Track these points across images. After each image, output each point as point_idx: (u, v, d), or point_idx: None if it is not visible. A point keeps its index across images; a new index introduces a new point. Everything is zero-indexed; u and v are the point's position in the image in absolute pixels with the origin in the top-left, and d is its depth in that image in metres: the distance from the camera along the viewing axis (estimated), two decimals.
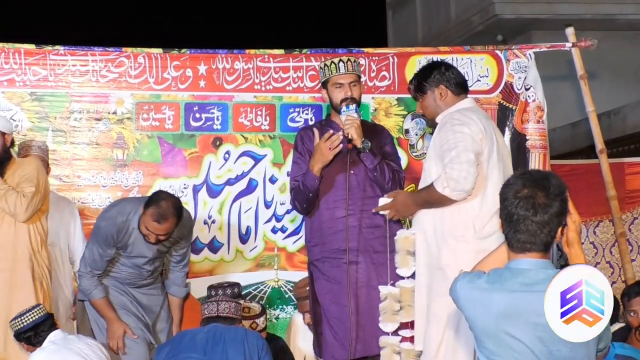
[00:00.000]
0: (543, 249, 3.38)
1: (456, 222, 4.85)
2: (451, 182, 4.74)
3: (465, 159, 4.76)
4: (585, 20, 11.58)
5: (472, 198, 4.82)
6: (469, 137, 4.82)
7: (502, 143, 5.11)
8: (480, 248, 4.66)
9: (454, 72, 5.14)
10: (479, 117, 4.94)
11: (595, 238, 7.60)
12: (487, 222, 4.81)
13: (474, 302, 3.34)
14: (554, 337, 3.27)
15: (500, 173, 4.89)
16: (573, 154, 9.84)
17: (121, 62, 6.57)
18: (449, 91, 5.07)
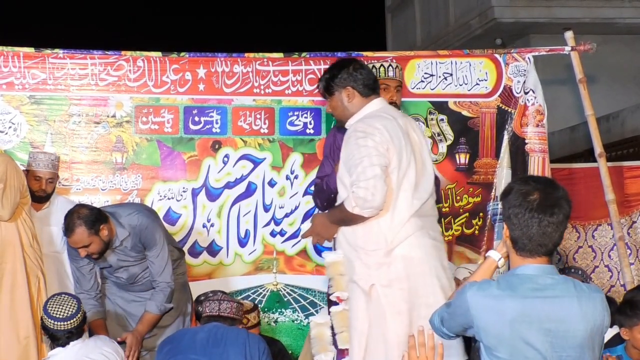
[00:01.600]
0: (550, 253, 3.41)
1: (368, 237, 4.74)
2: (359, 200, 4.63)
3: (371, 174, 4.63)
4: (584, 24, 11.60)
5: (384, 212, 4.72)
6: (374, 149, 4.68)
7: (417, 140, 4.93)
8: (391, 259, 4.70)
9: (363, 72, 4.96)
10: (384, 124, 4.78)
11: (593, 242, 7.59)
12: (400, 230, 4.74)
13: (487, 310, 3.33)
14: (565, 343, 3.29)
15: (414, 176, 4.79)
16: (572, 157, 9.85)
17: (120, 66, 6.57)
18: (356, 92, 4.92)
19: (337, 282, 4.90)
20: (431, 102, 6.80)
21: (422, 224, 4.80)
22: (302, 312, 6.60)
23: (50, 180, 6.25)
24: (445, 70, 6.83)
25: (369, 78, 4.95)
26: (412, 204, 4.76)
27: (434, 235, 4.88)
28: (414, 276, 4.74)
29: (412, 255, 4.74)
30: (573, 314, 3.36)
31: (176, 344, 5.22)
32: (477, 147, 6.80)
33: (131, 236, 5.55)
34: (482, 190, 6.74)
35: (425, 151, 4.96)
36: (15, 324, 5.66)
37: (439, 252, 4.89)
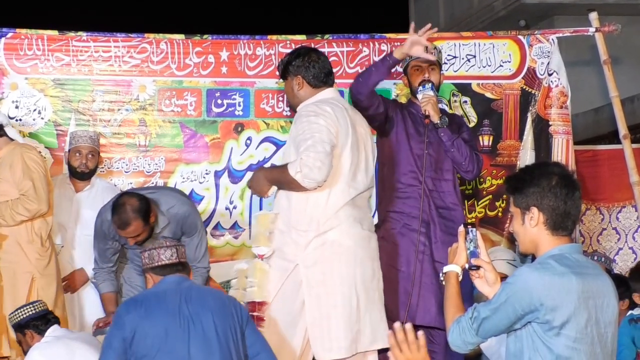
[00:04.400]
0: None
1: (301, 217, 4.83)
2: (305, 168, 4.71)
3: (321, 149, 4.73)
4: (608, 5, 11.51)
5: (320, 191, 4.80)
6: (325, 128, 4.79)
7: (363, 134, 5.04)
8: (321, 242, 4.78)
9: (317, 64, 5.03)
10: (334, 110, 4.89)
11: (617, 224, 7.57)
12: (332, 215, 4.82)
13: (555, 288, 3.35)
14: (606, 319, 3.40)
15: (352, 166, 4.88)
16: (596, 139, 9.79)
17: (144, 48, 6.58)
18: (305, 83, 5.02)
19: (260, 237, 5.01)
20: (454, 84, 6.78)
21: (356, 215, 4.90)
22: None
23: (91, 154, 6.25)
24: (469, 52, 6.81)
25: (322, 70, 5.04)
26: (348, 192, 4.86)
27: (367, 227, 4.97)
28: (338, 263, 4.82)
29: (342, 242, 4.84)
30: (610, 290, 3.47)
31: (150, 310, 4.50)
32: (501, 129, 6.79)
33: (171, 224, 5.58)
34: (505, 172, 6.71)
35: (370, 147, 5.07)
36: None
37: (370, 243, 4.96)
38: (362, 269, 4.90)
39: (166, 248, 4.58)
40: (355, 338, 4.88)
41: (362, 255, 4.91)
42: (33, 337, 5.19)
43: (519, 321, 3.39)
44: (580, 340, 3.34)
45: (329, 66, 5.12)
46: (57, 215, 6.16)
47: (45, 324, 5.19)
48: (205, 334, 4.43)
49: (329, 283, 4.83)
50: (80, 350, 5.02)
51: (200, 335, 4.42)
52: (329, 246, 4.83)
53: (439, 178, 5.44)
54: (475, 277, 3.67)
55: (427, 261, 5.33)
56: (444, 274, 3.70)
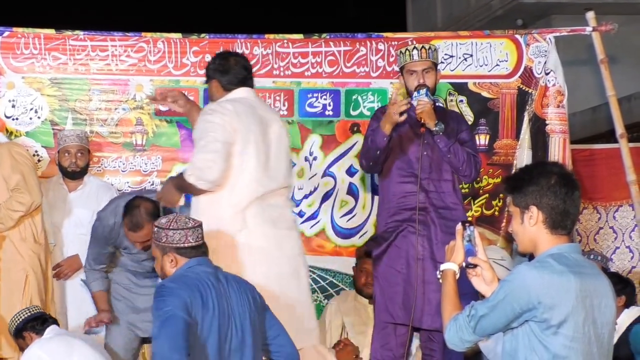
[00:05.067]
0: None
1: (209, 216, 4.78)
2: (196, 171, 4.72)
3: (212, 148, 4.73)
4: (606, 5, 11.49)
5: (221, 190, 4.79)
6: (220, 126, 4.78)
7: (276, 131, 5.02)
8: (231, 244, 4.76)
9: (233, 70, 5.05)
10: (236, 107, 4.88)
11: (615, 223, 7.57)
12: (238, 214, 4.81)
13: (554, 286, 3.34)
14: (603, 319, 3.40)
15: (259, 163, 4.86)
16: (593, 138, 9.78)
17: (141, 48, 6.59)
18: (220, 87, 5.05)
19: None
20: (451, 84, 6.79)
21: (268, 214, 4.88)
22: (321, 293, 6.61)
23: (80, 152, 6.27)
24: (466, 51, 6.82)
25: (236, 76, 5.05)
26: (255, 190, 4.84)
27: (281, 226, 4.93)
28: (251, 265, 4.81)
29: (252, 244, 4.82)
30: (608, 291, 3.47)
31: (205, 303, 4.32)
32: (497, 128, 6.79)
33: None
34: (502, 171, 6.73)
35: (283, 147, 5.04)
36: None
37: (288, 242, 4.95)
38: (279, 268, 4.89)
39: (193, 229, 4.41)
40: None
41: (278, 255, 4.89)
42: (32, 338, 5.19)
43: (516, 319, 3.39)
44: (577, 340, 3.34)
45: (245, 72, 5.11)
46: (52, 216, 6.18)
47: (42, 324, 5.19)
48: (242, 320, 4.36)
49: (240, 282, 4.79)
50: (79, 347, 5.02)
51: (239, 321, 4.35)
52: (240, 249, 4.82)
53: (438, 179, 5.43)
54: (472, 276, 3.67)
55: (429, 263, 5.33)
56: (441, 271, 3.70)
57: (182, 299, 4.18)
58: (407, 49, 5.45)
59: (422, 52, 5.44)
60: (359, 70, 6.72)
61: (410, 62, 5.43)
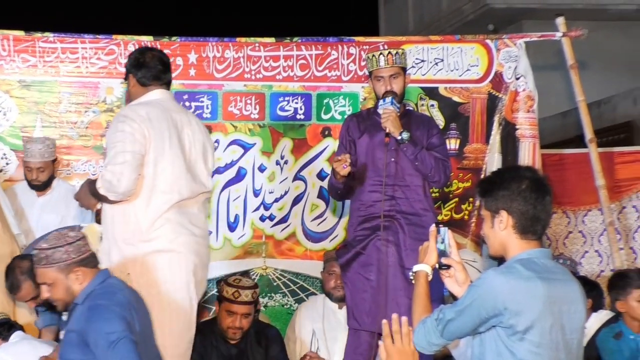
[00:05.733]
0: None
1: (125, 227, 4.78)
2: (105, 183, 4.68)
3: (121, 160, 4.68)
4: (576, 10, 11.58)
5: (135, 199, 4.75)
6: (129, 135, 4.72)
7: (194, 135, 4.96)
8: (148, 250, 4.73)
9: (147, 63, 4.98)
10: (149, 112, 4.82)
11: (584, 227, 7.61)
12: (156, 221, 4.77)
13: (520, 292, 3.34)
14: (572, 325, 3.40)
15: (175, 170, 4.82)
16: (563, 143, 9.84)
17: (111, 50, 6.56)
18: (136, 81, 4.98)
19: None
20: (422, 88, 6.80)
21: (185, 220, 4.84)
22: (291, 297, 6.61)
23: (41, 169, 6.26)
24: (437, 55, 6.83)
25: (150, 71, 4.97)
26: (171, 197, 4.80)
27: (197, 232, 4.90)
28: (170, 271, 4.79)
29: (171, 249, 4.78)
30: (578, 297, 3.47)
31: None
32: (468, 132, 6.82)
33: None
34: (472, 176, 6.75)
35: (200, 151, 4.98)
36: None
37: (200, 248, 4.92)
38: (195, 274, 4.87)
39: (83, 238, 4.32)
40: (189, 346, 4.90)
41: (195, 261, 4.87)
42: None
43: (483, 324, 3.39)
44: (544, 346, 3.35)
45: (161, 66, 5.01)
46: (22, 221, 6.14)
47: (7, 330, 5.17)
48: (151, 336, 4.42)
49: (162, 292, 4.78)
50: (44, 351, 5.00)
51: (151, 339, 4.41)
52: (159, 255, 4.77)
53: (407, 185, 5.42)
54: (445, 277, 3.67)
55: (397, 270, 5.33)
56: (414, 273, 3.70)
57: (125, 319, 4.15)
58: (374, 55, 5.41)
59: (388, 58, 5.40)
60: (331, 74, 6.73)
61: (377, 68, 5.40)
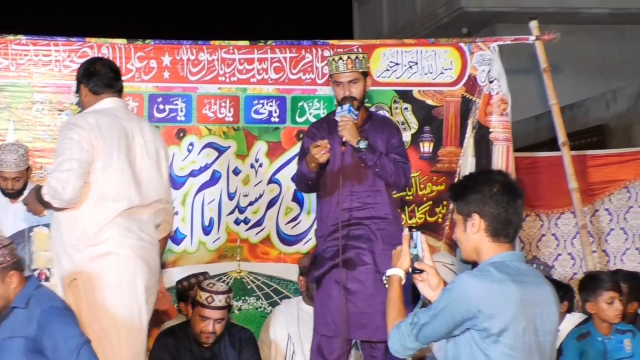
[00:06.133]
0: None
1: (72, 232, 4.82)
2: (50, 190, 4.72)
3: (67, 167, 4.73)
4: (549, 14, 11.64)
5: (83, 205, 4.79)
6: (77, 143, 4.77)
7: (147, 143, 4.99)
8: (95, 254, 4.76)
9: (100, 72, 5.03)
10: (98, 120, 4.87)
11: (557, 230, 7.64)
12: (104, 227, 4.80)
13: (493, 295, 3.36)
14: (545, 327, 3.41)
15: (125, 177, 4.85)
16: (536, 146, 9.88)
17: (84, 53, 6.52)
18: (87, 90, 5.03)
19: (38, 256, 5.13)
20: (396, 91, 6.82)
21: (134, 226, 4.87)
22: (265, 300, 6.60)
23: (16, 179, 6.24)
24: (411, 59, 6.85)
25: (101, 79, 5.01)
26: (121, 204, 4.83)
27: (146, 238, 4.92)
28: (117, 275, 4.81)
29: (118, 252, 4.81)
30: (551, 299, 3.49)
31: None
32: (441, 135, 6.83)
33: None
34: (445, 179, 6.77)
35: (153, 159, 5.01)
36: None
37: (149, 254, 4.93)
38: (143, 279, 4.88)
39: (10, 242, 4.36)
40: (138, 351, 4.89)
41: (143, 265, 4.88)
42: None
43: (457, 328, 3.41)
44: (517, 348, 3.36)
45: (112, 74, 5.06)
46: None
47: None
48: None
49: (108, 296, 4.80)
50: None
51: None
52: (105, 258, 4.80)
53: (378, 189, 5.43)
54: (418, 281, 3.68)
55: (373, 276, 5.32)
56: (387, 277, 3.71)
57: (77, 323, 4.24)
58: (333, 59, 5.37)
59: (348, 63, 5.33)
60: (305, 77, 6.73)
61: (336, 73, 5.36)
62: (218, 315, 5.64)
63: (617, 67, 12.55)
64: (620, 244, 7.70)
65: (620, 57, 12.66)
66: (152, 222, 5.03)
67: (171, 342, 5.73)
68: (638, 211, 7.71)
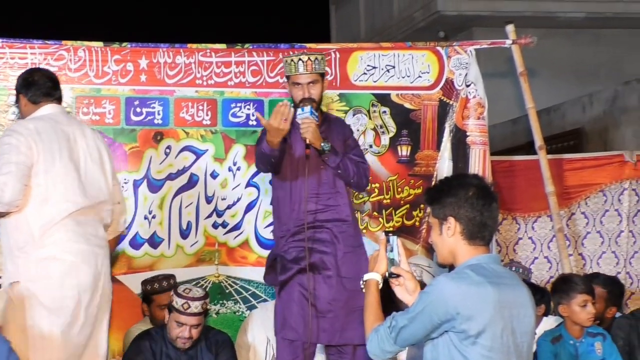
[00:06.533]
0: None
1: (17, 235, 4.89)
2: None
3: (5, 171, 4.82)
4: (526, 18, 11.70)
5: (27, 208, 4.86)
6: (15, 148, 4.87)
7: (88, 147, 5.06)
8: (41, 257, 4.83)
9: (39, 82, 5.15)
10: (37, 125, 4.97)
11: (533, 233, 7.67)
12: (49, 230, 4.86)
13: (471, 297, 3.39)
14: (522, 329, 3.44)
15: (68, 180, 4.91)
16: (513, 150, 9.93)
17: (61, 56, 6.50)
18: (27, 100, 5.14)
19: None
20: (374, 95, 6.82)
21: (80, 230, 4.93)
22: (243, 304, 6.59)
23: None
24: (388, 62, 6.86)
25: (40, 88, 5.14)
26: (65, 207, 4.90)
27: (94, 242, 4.99)
28: (59, 279, 4.87)
29: (61, 257, 4.86)
30: (527, 301, 3.53)
31: None
32: (419, 139, 6.85)
33: None
34: (423, 182, 6.78)
35: (97, 161, 5.10)
36: None
37: (97, 258, 4.99)
38: (85, 284, 4.92)
39: None
40: (74, 353, 4.94)
41: (86, 270, 4.93)
42: None
43: (435, 330, 3.42)
44: (495, 350, 3.39)
45: (50, 83, 5.19)
46: None
47: None
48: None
49: (49, 299, 4.85)
50: None
51: None
52: (49, 262, 4.86)
53: (338, 191, 5.42)
54: (395, 285, 3.70)
55: (335, 280, 5.33)
56: (365, 281, 3.72)
57: None
58: (292, 59, 5.36)
59: (307, 64, 5.34)
60: (282, 80, 6.71)
61: (295, 74, 5.36)
62: (194, 321, 5.63)
63: (594, 71, 12.63)
64: (596, 248, 7.74)
65: (596, 61, 12.74)
66: (100, 223, 5.10)
67: (147, 345, 5.71)
68: (614, 215, 7.76)
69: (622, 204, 7.77)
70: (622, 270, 7.72)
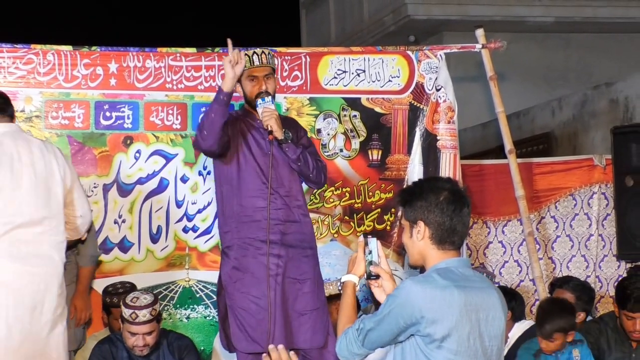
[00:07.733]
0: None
1: None
2: None
3: None
4: (495, 22, 11.76)
5: None
6: None
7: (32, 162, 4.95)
8: None
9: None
10: None
11: (503, 237, 7.70)
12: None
13: (437, 301, 3.39)
14: (492, 332, 3.44)
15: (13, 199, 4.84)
16: (483, 154, 9.97)
17: (30, 59, 6.45)
18: None
19: None
20: (344, 99, 6.82)
21: (15, 251, 4.83)
22: (214, 309, 6.55)
23: None
24: (358, 66, 6.86)
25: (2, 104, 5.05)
26: (3, 225, 4.81)
27: (34, 264, 4.86)
28: None
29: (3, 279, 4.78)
30: (497, 304, 3.54)
31: None
32: (390, 143, 6.85)
33: None
34: (394, 186, 6.79)
35: (41, 179, 4.96)
36: None
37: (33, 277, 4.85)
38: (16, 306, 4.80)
39: None
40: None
41: (23, 292, 4.81)
42: None
43: (402, 333, 3.43)
44: (462, 354, 3.39)
45: (1, 100, 5.13)
46: None
47: None
48: None
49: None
50: None
51: None
52: None
53: (287, 191, 5.41)
54: (374, 286, 3.71)
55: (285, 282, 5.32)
56: (342, 283, 3.73)
57: None
58: (246, 54, 5.39)
59: (262, 57, 5.42)
60: None
61: (251, 68, 5.38)
62: (145, 329, 5.59)
63: (563, 75, 12.72)
64: (566, 251, 7.78)
65: (565, 65, 12.83)
66: (42, 242, 4.93)
67: (107, 349, 5.70)
68: (584, 218, 7.81)
69: (591, 208, 7.82)
70: (591, 274, 7.77)
